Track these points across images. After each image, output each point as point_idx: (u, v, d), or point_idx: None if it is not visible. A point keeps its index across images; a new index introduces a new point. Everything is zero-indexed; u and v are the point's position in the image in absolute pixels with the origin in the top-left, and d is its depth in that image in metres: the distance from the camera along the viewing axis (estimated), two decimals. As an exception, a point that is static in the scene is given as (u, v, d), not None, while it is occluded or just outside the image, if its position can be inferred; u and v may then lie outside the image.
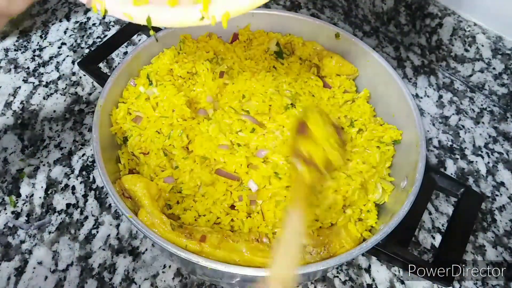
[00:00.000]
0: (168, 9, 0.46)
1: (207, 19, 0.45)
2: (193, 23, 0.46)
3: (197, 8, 0.45)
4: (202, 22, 0.46)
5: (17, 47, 0.97)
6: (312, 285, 0.68)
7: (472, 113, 0.92)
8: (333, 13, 1.10)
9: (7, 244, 0.70)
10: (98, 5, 0.46)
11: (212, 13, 0.45)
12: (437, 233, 0.75)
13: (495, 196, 0.80)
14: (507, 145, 0.87)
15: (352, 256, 0.54)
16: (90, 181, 0.78)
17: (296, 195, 0.49)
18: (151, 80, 0.70)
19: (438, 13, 0.91)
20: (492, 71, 0.89)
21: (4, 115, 0.86)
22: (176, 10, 0.46)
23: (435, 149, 0.86)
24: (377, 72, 0.73)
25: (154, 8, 0.47)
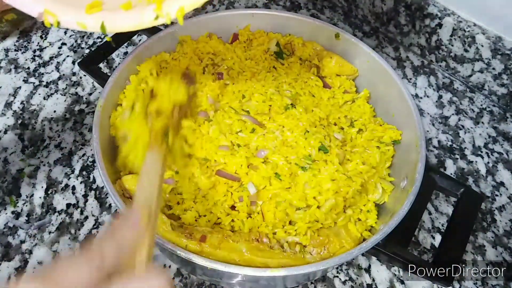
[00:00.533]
0: (122, 14, 0.46)
1: (162, 18, 0.45)
2: (148, 24, 0.45)
3: (150, 8, 0.45)
4: (157, 22, 0.45)
5: (18, 47, 0.98)
6: (312, 285, 0.68)
7: (472, 113, 0.92)
8: (333, 13, 1.11)
9: (7, 244, 0.70)
10: (51, 18, 0.45)
11: (166, 11, 0.44)
12: (437, 233, 0.75)
13: (495, 196, 0.80)
14: (506, 145, 0.88)
15: (352, 256, 0.54)
16: (90, 181, 0.78)
17: (151, 141, 0.54)
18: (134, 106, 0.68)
19: (438, 13, 0.91)
20: (491, 71, 0.89)
21: (4, 115, 0.86)
22: (130, 14, 0.46)
23: (435, 149, 0.86)
24: (376, 73, 0.74)
25: (107, 14, 0.46)
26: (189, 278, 0.68)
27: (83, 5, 0.46)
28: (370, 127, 0.71)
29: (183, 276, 0.68)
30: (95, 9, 0.45)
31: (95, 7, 0.45)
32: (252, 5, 1.12)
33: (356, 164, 0.65)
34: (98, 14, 0.45)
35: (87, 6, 0.45)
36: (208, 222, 0.60)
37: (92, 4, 0.46)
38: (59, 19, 0.45)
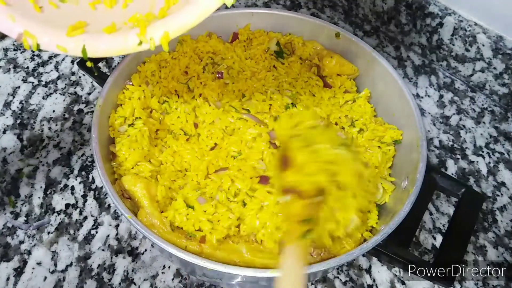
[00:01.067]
0: (104, 37, 0.43)
1: (146, 43, 0.42)
2: (132, 49, 0.43)
3: (134, 32, 0.42)
4: (141, 47, 0.42)
5: (17, 47, 0.97)
6: (312, 285, 0.68)
7: (473, 113, 0.92)
8: (333, 12, 1.10)
9: (6, 244, 0.70)
10: (30, 41, 0.42)
11: (150, 36, 0.42)
12: (438, 233, 0.74)
13: (496, 196, 0.80)
14: (508, 145, 0.87)
15: (352, 257, 0.53)
16: (89, 181, 0.77)
17: (291, 230, 0.46)
18: (126, 119, 0.67)
19: (439, 12, 0.90)
20: (492, 70, 0.89)
21: (3, 115, 0.85)
22: (113, 38, 0.43)
23: (436, 149, 0.86)
24: (377, 72, 0.73)
25: (89, 37, 0.43)
26: (188, 279, 0.68)
27: (66, 26, 0.43)
28: (371, 127, 0.70)
29: (182, 277, 0.68)
30: (77, 31, 0.43)
31: (77, 29, 0.43)
32: (252, 4, 1.12)
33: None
34: (79, 37, 0.43)
35: (69, 27, 0.43)
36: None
37: (75, 25, 0.43)
38: (38, 42, 0.42)
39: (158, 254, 0.69)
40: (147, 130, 0.65)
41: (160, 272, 0.68)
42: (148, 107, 0.70)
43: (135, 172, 0.62)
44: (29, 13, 0.43)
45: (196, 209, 0.58)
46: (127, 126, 0.65)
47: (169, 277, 0.68)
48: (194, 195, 0.60)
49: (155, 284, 0.67)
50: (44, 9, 0.43)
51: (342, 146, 0.49)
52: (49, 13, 0.44)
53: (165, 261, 0.69)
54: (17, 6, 0.42)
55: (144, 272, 0.68)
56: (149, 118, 0.68)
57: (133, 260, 0.69)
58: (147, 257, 0.69)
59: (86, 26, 0.44)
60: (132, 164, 0.62)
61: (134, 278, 0.67)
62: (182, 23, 0.41)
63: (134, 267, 0.68)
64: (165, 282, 0.67)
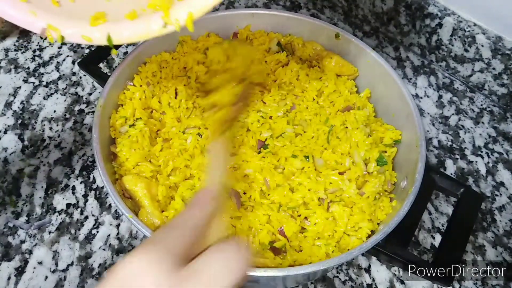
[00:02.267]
0: (127, 24, 0.43)
1: (171, 25, 0.42)
2: (157, 32, 0.43)
3: (157, 15, 0.43)
4: (166, 30, 0.43)
5: (17, 47, 0.98)
6: (312, 285, 0.68)
7: (472, 113, 0.92)
8: (333, 13, 1.11)
9: (7, 244, 0.70)
10: (54, 34, 0.43)
11: (174, 17, 0.42)
12: (437, 233, 0.75)
13: (495, 196, 0.80)
14: (507, 145, 0.87)
15: (352, 256, 0.54)
16: (90, 181, 0.78)
17: (212, 132, 0.57)
18: (127, 120, 0.67)
19: (438, 13, 0.91)
20: (492, 71, 0.89)
21: (4, 115, 0.86)
22: (136, 23, 0.43)
23: (435, 149, 0.86)
24: (377, 72, 0.73)
25: (112, 25, 0.43)
26: (189, 278, 0.68)
27: (87, 17, 0.44)
28: (372, 128, 0.71)
29: (183, 276, 0.68)
30: (100, 20, 0.43)
31: (100, 19, 0.43)
32: (252, 4, 1.12)
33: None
34: (103, 26, 0.43)
35: (91, 18, 0.43)
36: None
37: (96, 16, 0.44)
38: (62, 34, 0.43)
39: (158, 254, 0.70)
40: (148, 131, 0.65)
41: (161, 271, 0.68)
42: (149, 107, 0.70)
43: (136, 172, 0.62)
44: (48, 7, 0.43)
45: None
46: (128, 127, 0.66)
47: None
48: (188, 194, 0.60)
49: (156, 283, 0.67)
50: (61, 2, 0.44)
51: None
52: (67, 7, 0.44)
53: (166, 260, 0.69)
54: (36, 2, 0.42)
55: (144, 272, 0.68)
56: (150, 119, 0.68)
57: (133, 260, 0.69)
58: (147, 257, 0.69)
59: (107, 15, 0.44)
60: (132, 164, 0.62)
61: (134, 278, 0.67)
62: (205, 3, 0.42)
63: (135, 266, 0.68)
64: (166, 281, 0.67)
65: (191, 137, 0.66)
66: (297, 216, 0.61)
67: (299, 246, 0.58)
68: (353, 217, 0.60)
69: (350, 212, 0.60)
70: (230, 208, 0.58)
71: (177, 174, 0.63)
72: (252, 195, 0.61)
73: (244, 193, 0.62)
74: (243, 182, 0.62)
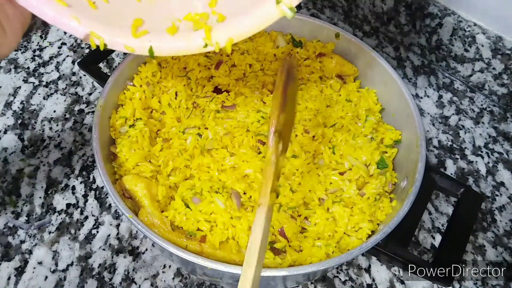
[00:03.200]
0: (168, 38, 0.45)
1: (211, 46, 0.44)
2: (196, 50, 0.45)
3: (199, 35, 0.44)
4: (206, 49, 0.45)
5: (17, 47, 0.97)
6: (312, 285, 0.68)
7: (472, 113, 0.92)
8: (333, 13, 1.10)
9: (7, 244, 0.70)
10: (97, 40, 0.44)
11: (215, 40, 0.44)
12: (437, 233, 0.75)
13: (495, 196, 0.80)
14: (507, 145, 0.87)
15: (352, 256, 0.54)
16: (90, 181, 0.78)
17: (266, 183, 0.48)
18: (127, 120, 0.67)
19: (438, 13, 0.91)
20: (492, 71, 0.89)
21: (4, 115, 0.86)
22: (177, 39, 0.45)
23: (435, 149, 0.86)
24: (377, 72, 0.73)
25: (154, 38, 0.45)
26: (189, 278, 0.68)
27: (127, 24, 0.45)
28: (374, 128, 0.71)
29: (183, 276, 0.68)
30: (141, 33, 0.44)
31: (141, 31, 0.44)
32: (252, 4, 1.12)
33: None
34: (145, 37, 0.44)
35: (132, 27, 0.44)
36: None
37: (135, 23, 0.44)
38: (105, 42, 0.44)
39: (158, 254, 0.70)
40: (148, 131, 0.65)
41: (161, 271, 0.68)
42: (149, 107, 0.70)
43: (135, 172, 0.62)
44: (88, 12, 0.44)
45: (192, 209, 0.59)
46: (128, 127, 0.66)
47: (170, 277, 0.68)
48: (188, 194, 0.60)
49: (156, 283, 0.67)
50: (97, 4, 0.45)
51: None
52: (104, 10, 0.45)
53: (166, 260, 0.69)
54: (76, 6, 0.43)
55: (144, 272, 0.68)
56: (150, 119, 0.68)
57: (133, 260, 0.69)
58: (147, 257, 0.69)
59: (144, 24, 0.45)
60: (132, 165, 0.62)
61: (134, 278, 0.67)
62: (244, 31, 0.44)
63: (135, 266, 0.68)
64: (166, 281, 0.67)
65: (191, 137, 0.66)
66: (297, 216, 0.61)
67: (299, 246, 0.58)
68: (353, 217, 0.60)
69: (350, 213, 0.60)
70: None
71: (177, 174, 0.63)
72: (252, 195, 0.61)
73: (244, 193, 0.61)
74: (243, 182, 0.62)
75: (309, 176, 0.63)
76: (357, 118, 0.71)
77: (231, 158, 0.64)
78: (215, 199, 0.59)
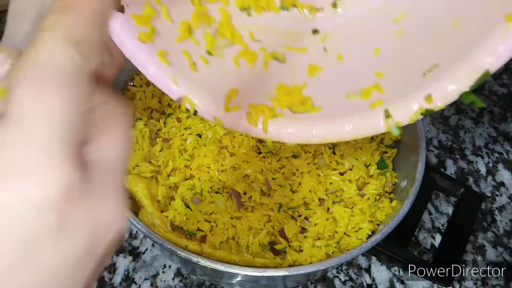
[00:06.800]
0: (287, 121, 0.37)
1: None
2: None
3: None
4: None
5: (17, 47, 0.97)
6: (312, 285, 0.68)
7: (472, 113, 0.92)
8: (333, 13, 1.10)
9: (7, 244, 0.70)
10: (188, 105, 0.39)
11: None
12: (437, 233, 0.75)
13: (495, 196, 0.80)
14: (507, 145, 0.87)
15: (352, 256, 0.54)
16: (90, 181, 0.77)
17: None
18: None
19: (438, 13, 0.91)
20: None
21: (4, 115, 0.85)
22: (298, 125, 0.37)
23: (435, 149, 0.86)
24: (377, 72, 0.73)
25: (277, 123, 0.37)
26: (189, 278, 0.68)
27: (222, 93, 0.38)
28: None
29: (183, 276, 0.68)
30: (234, 108, 0.37)
31: (232, 104, 0.37)
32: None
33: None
34: (236, 113, 0.37)
35: (226, 100, 0.38)
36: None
37: (230, 94, 0.37)
38: (197, 108, 0.38)
39: (158, 254, 0.70)
40: (148, 131, 0.65)
41: (161, 271, 0.68)
42: (149, 107, 0.70)
43: (136, 172, 0.62)
44: (188, 74, 0.39)
45: (192, 209, 0.59)
46: None
47: (170, 277, 0.68)
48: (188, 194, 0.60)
49: (156, 283, 0.67)
50: (198, 67, 0.39)
51: None
52: (204, 74, 0.39)
53: (166, 260, 0.69)
54: (177, 66, 0.38)
55: (144, 272, 0.68)
56: (150, 119, 0.68)
57: (133, 260, 0.69)
58: (147, 257, 0.69)
59: (237, 97, 0.38)
60: (132, 165, 0.62)
61: (134, 278, 0.67)
62: (338, 135, 0.36)
63: (135, 266, 0.68)
64: (166, 281, 0.67)
65: (191, 137, 0.66)
66: (298, 216, 0.61)
67: (299, 247, 0.58)
68: (353, 218, 0.60)
69: (350, 213, 0.60)
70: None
71: (177, 174, 0.63)
72: (252, 195, 0.61)
73: (244, 193, 0.61)
74: (243, 182, 0.62)
75: (309, 176, 0.63)
76: None
77: (231, 158, 0.64)
78: (215, 199, 0.59)
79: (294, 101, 0.37)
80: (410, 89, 0.34)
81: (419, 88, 0.33)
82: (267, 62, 0.40)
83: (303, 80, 0.38)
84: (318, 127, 0.36)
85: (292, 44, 0.40)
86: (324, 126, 0.36)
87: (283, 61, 0.40)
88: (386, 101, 0.35)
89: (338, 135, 0.36)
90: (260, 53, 0.40)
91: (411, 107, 0.34)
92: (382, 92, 0.35)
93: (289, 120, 0.37)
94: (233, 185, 0.61)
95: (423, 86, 0.33)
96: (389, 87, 0.35)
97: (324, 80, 0.39)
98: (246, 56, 0.39)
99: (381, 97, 0.35)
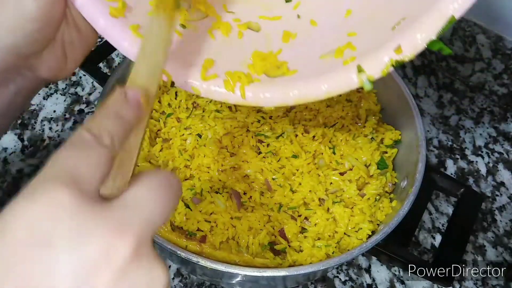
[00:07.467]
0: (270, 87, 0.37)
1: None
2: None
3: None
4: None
5: (17, 47, 0.97)
6: (312, 285, 0.68)
7: (472, 113, 0.92)
8: (333, 13, 1.10)
9: (7, 244, 0.70)
10: (166, 78, 0.38)
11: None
12: (437, 233, 0.75)
13: (495, 196, 0.80)
14: (507, 145, 0.87)
15: (352, 256, 0.54)
16: (90, 181, 0.77)
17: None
18: None
19: (438, 13, 0.91)
20: (492, 71, 0.89)
21: (4, 115, 0.86)
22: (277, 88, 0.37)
23: (435, 149, 0.86)
24: (377, 72, 0.73)
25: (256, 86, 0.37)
26: (189, 278, 0.68)
27: (197, 63, 0.38)
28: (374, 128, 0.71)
29: (183, 276, 0.68)
30: (211, 77, 0.37)
31: (211, 75, 0.37)
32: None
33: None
34: (212, 82, 0.37)
35: (203, 67, 0.37)
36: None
37: (206, 64, 0.37)
38: (173, 79, 0.38)
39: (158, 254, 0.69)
40: (148, 131, 0.65)
41: (161, 271, 0.68)
42: None
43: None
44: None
45: (192, 209, 0.59)
46: None
47: (170, 277, 0.68)
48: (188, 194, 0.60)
49: (156, 283, 0.67)
50: (172, 41, 0.37)
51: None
52: (179, 46, 0.39)
53: (166, 260, 0.69)
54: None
55: (144, 272, 0.68)
56: (150, 119, 0.68)
57: (133, 260, 0.69)
58: (147, 257, 0.69)
59: (213, 66, 0.38)
60: None
61: (134, 278, 0.67)
62: (314, 94, 0.37)
63: (135, 266, 0.68)
64: (166, 281, 0.67)
65: (191, 137, 0.66)
66: (298, 216, 0.61)
67: (299, 247, 0.58)
68: (353, 218, 0.60)
69: (350, 213, 0.60)
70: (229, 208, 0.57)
71: (176, 174, 0.63)
72: (252, 195, 0.61)
73: (244, 193, 0.61)
74: (243, 182, 0.62)
75: (310, 176, 0.63)
76: (357, 118, 0.71)
77: (231, 158, 0.64)
78: (215, 199, 0.59)
79: (269, 66, 0.37)
80: (380, 44, 0.35)
81: (389, 41, 0.34)
82: (241, 32, 0.40)
83: (278, 47, 0.39)
84: (294, 89, 0.36)
85: (266, 13, 0.41)
86: (300, 87, 0.36)
87: (257, 30, 0.40)
88: (358, 57, 0.36)
89: (314, 94, 0.36)
90: (235, 24, 0.40)
91: (382, 60, 0.35)
92: (354, 50, 0.36)
93: (266, 85, 0.37)
94: (233, 185, 0.61)
95: (392, 39, 0.34)
96: (361, 44, 0.36)
97: (299, 45, 0.39)
98: (221, 27, 0.39)
99: (353, 54, 0.36)
